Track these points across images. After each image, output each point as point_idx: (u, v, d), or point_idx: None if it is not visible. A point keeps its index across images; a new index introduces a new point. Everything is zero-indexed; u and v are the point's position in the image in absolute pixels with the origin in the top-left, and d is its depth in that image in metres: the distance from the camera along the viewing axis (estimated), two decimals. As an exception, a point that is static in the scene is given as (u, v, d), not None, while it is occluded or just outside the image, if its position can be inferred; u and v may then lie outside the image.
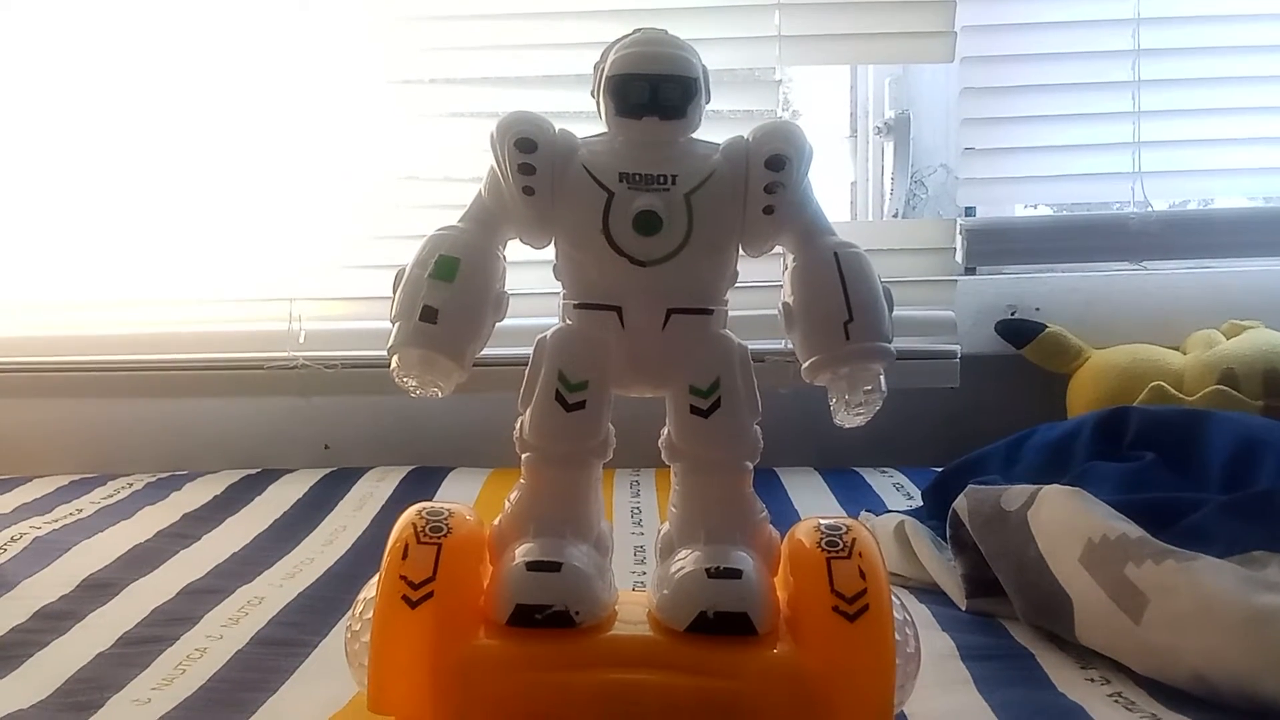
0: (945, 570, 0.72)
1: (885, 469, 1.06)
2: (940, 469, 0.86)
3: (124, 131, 1.15)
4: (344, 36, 1.14)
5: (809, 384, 0.53)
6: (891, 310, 0.53)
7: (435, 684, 0.46)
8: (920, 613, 0.67)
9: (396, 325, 0.52)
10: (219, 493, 1.01)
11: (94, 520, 0.92)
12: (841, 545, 0.48)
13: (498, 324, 0.54)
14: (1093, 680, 0.58)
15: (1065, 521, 0.62)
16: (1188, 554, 0.57)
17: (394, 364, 0.52)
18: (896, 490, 1.00)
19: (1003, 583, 0.66)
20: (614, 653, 0.48)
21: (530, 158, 0.51)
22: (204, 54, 1.14)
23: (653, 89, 0.51)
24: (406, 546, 0.48)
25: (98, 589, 0.74)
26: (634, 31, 0.53)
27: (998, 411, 1.03)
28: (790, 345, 0.53)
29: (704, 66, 0.53)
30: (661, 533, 0.53)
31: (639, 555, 0.81)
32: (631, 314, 0.52)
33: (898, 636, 0.47)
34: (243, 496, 1.00)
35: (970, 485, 0.71)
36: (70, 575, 0.76)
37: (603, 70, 0.52)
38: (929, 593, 0.72)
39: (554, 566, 0.48)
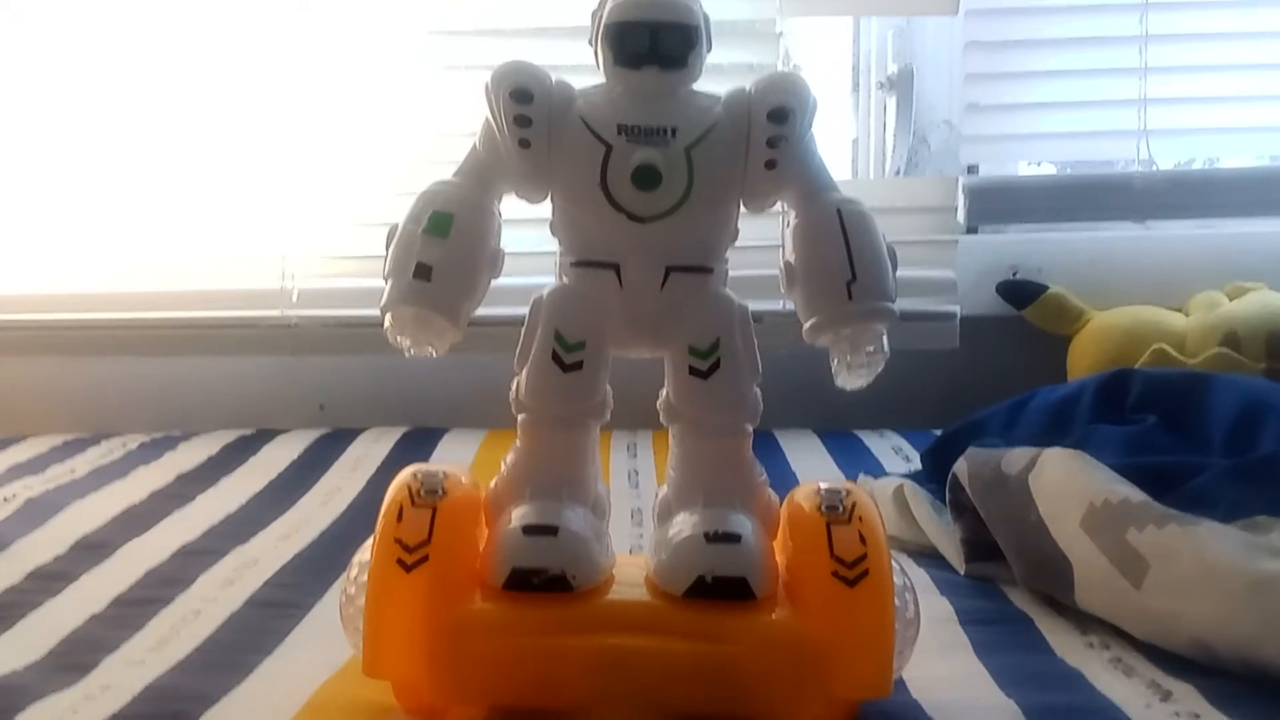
0: (944, 534, 0.71)
1: (884, 431, 1.06)
2: (940, 432, 0.86)
3: (116, 91, 1.13)
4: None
5: (809, 345, 0.52)
6: (895, 269, 0.51)
7: (430, 648, 0.46)
8: (919, 577, 0.66)
9: (390, 283, 0.51)
10: (214, 453, 1.01)
11: (88, 480, 0.91)
12: (841, 510, 0.48)
13: (493, 282, 0.53)
14: (1092, 645, 0.57)
15: (1066, 485, 0.62)
16: (1190, 518, 0.57)
17: (387, 322, 0.51)
18: (895, 453, 0.99)
19: (1002, 547, 0.65)
20: (611, 617, 0.47)
21: (526, 109, 0.50)
22: (195, 14, 1.12)
23: (652, 37, 0.49)
24: (401, 509, 0.47)
25: (91, 550, 0.74)
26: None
27: (998, 374, 1.02)
28: (791, 305, 0.52)
29: (705, 14, 0.51)
30: (659, 496, 0.52)
31: (637, 518, 0.81)
32: (630, 272, 0.50)
33: (897, 602, 0.47)
34: (237, 457, 1.00)
35: (970, 448, 0.70)
36: (64, 536, 0.76)
37: (601, 17, 0.51)
38: (928, 557, 0.71)
39: (550, 530, 0.48)
